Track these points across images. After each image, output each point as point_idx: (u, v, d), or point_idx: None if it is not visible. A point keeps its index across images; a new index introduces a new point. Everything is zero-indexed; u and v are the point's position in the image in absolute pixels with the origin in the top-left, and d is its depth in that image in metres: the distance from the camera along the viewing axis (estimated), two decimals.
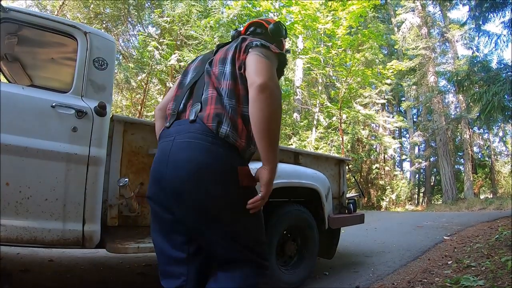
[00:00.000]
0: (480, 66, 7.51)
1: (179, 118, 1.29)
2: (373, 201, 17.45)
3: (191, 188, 1.14)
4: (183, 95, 1.34)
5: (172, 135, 1.24)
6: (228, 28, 10.15)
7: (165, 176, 1.19)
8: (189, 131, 1.19)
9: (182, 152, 1.17)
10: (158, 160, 1.25)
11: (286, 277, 2.75)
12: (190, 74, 1.44)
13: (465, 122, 17.71)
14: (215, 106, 1.21)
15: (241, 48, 1.29)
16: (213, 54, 1.42)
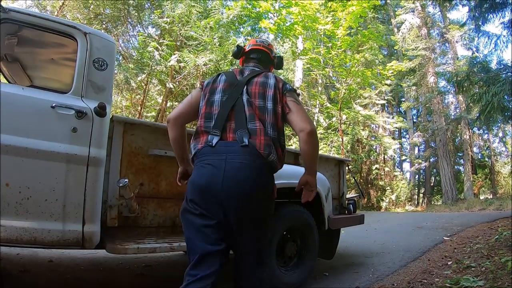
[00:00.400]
0: (480, 66, 7.51)
1: (222, 138, 1.52)
2: (373, 201, 17.45)
3: (247, 201, 1.44)
4: (222, 118, 1.56)
5: (222, 154, 1.47)
6: (228, 28, 10.16)
7: (219, 189, 1.41)
8: (244, 154, 1.47)
9: (240, 172, 1.44)
10: (209, 173, 1.45)
11: (286, 277, 2.75)
12: (219, 94, 1.65)
13: (465, 122, 17.70)
14: (264, 138, 1.52)
15: (280, 90, 1.66)
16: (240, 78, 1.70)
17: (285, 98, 1.66)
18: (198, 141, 1.58)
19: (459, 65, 15.56)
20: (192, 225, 1.50)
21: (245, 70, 1.78)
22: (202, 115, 1.62)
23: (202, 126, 1.58)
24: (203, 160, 1.50)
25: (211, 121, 1.58)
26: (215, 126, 1.55)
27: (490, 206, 12.62)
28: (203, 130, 1.58)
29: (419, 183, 23.25)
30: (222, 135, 1.53)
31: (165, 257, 3.94)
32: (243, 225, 1.47)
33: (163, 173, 2.45)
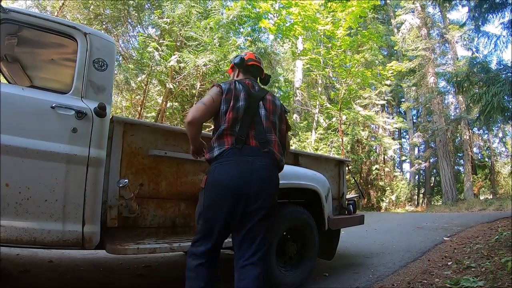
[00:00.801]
0: (479, 67, 7.50)
1: (245, 143, 1.84)
2: (373, 202, 17.44)
3: (269, 195, 1.84)
4: (247, 125, 1.89)
5: (249, 157, 1.81)
6: (227, 29, 10.16)
7: (248, 183, 1.76)
8: (266, 158, 1.86)
9: (263, 172, 1.82)
10: (240, 170, 1.78)
11: (286, 278, 2.75)
12: (242, 101, 1.92)
13: (464, 123, 17.69)
14: (278, 147, 1.96)
15: (283, 111, 2.14)
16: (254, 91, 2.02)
17: (286, 118, 2.17)
18: (223, 141, 1.84)
19: (459, 66, 15.57)
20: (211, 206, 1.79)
21: (254, 84, 2.10)
22: (229, 119, 1.86)
23: (228, 129, 1.85)
24: (231, 159, 1.80)
25: (236, 126, 1.86)
26: (241, 132, 1.85)
27: (490, 206, 12.61)
28: (228, 133, 1.85)
29: (419, 184, 23.25)
30: (245, 140, 1.84)
31: (165, 258, 3.94)
32: (262, 212, 1.79)
33: (163, 174, 2.45)
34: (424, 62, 17.14)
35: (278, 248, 2.77)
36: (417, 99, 19.46)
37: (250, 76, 2.18)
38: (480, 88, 7.47)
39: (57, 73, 3.04)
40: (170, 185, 2.47)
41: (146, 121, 2.74)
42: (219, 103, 1.92)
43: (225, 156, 1.80)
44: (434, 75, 17.21)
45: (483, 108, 6.93)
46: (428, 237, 5.75)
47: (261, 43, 11.26)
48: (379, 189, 18.17)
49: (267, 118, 1.97)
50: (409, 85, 18.68)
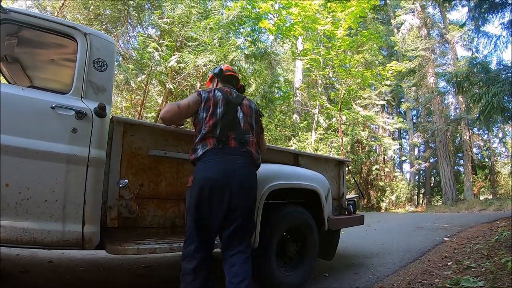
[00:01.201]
0: (479, 67, 7.50)
1: (225, 143, 2.02)
2: (373, 202, 17.45)
3: (251, 191, 2.06)
4: (226, 128, 2.07)
5: (230, 155, 2.00)
6: (227, 29, 10.15)
7: (231, 180, 1.92)
8: (245, 157, 2.05)
9: (243, 169, 2.01)
10: (222, 168, 1.94)
11: (286, 278, 2.75)
12: (221, 108, 2.12)
13: (464, 123, 17.69)
14: (255, 148, 2.16)
15: (258, 114, 2.35)
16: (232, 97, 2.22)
17: (260, 122, 2.39)
18: (206, 143, 2.00)
19: (459, 66, 15.57)
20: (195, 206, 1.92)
21: (231, 91, 2.29)
22: (209, 125, 2.04)
23: (210, 133, 2.02)
24: (213, 158, 1.96)
25: (217, 129, 2.04)
26: (221, 134, 2.03)
27: (490, 207, 12.60)
28: (210, 135, 2.02)
29: (419, 184, 23.27)
30: (226, 141, 2.02)
31: (165, 258, 3.94)
32: (245, 207, 1.98)
33: (163, 174, 2.45)
34: (424, 62, 17.14)
35: (278, 248, 2.77)
36: (417, 99, 19.46)
37: (229, 84, 2.40)
38: (480, 88, 7.47)
39: (57, 73, 3.04)
40: (170, 185, 2.47)
41: (146, 121, 2.74)
42: (194, 110, 2.17)
43: (208, 155, 1.97)
44: (434, 75, 17.20)
45: (483, 108, 6.92)
46: (428, 237, 5.75)
47: (261, 43, 11.24)
48: (379, 189, 18.17)
49: (245, 121, 2.17)
50: (409, 85, 18.68)
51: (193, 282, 1.83)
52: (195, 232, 1.91)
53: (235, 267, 1.90)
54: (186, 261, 1.88)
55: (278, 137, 13.78)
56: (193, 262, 1.86)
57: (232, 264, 1.92)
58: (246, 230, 2.03)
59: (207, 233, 1.93)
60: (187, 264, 1.87)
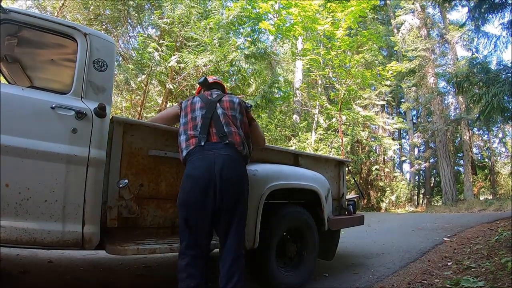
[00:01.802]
0: (479, 67, 7.51)
1: (208, 140, 2.07)
2: (373, 202, 17.44)
3: (235, 184, 2.01)
4: (206, 126, 2.13)
5: (211, 151, 2.02)
6: (227, 29, 10.15)
7: (214, 174, 1.94)
8: (227, 148, 2.06)
9: (225, 161, 2.00)
10: (203, 164, 1.98)
11: (286, 278, 2.74)
12: (199, 110, 2.22)
13: (464, 123, 17.70)
14: (239, 137, 2.16)
15: (243, 106, 2.41)
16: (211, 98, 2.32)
17: (248, 114, 2.44)
18: (189, 143, 2.09)
19: (459, 66, 15.58)
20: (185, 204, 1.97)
21: (213, 93, 2.40)
22: (189, 127, 2.15)
23: (191, 134, 2.11)
24: (196, 156, 2.02)
25: (197, 129, 2.12)
26: (201, 132, 2.10)
27: (490, 207, 12.60)
28: (192, 135, 2.11)
29: (419, 184, 23.26)
30: (207, 138, 2.08)
31: (165, 258, 3.94)
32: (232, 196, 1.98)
33: (163, 174, 2.45)
34: (424, 62, 17.14)
35: (278, 248, 2.77)
36: (417, 99, 19.46)
37: (215, 90, 2.52)
38: (480, 88, 7.47)
39: (57, 74, 3.04)
40: (170, 185, 2.47)
41: (146, 122, 2.73)
42: (173, 117, 2.47)
43: (191, 155, 2.05)
44: (434, 76, 17.21)
45: (483, 109, 6.92)
46: (428, 238, 5.75)
47: (261, 43, 11.24)
48: (379, 190, 18.16)
49: (225, 115, 2.22)
50: (409, 85, 18.68)
51: (186, 279, 1.86)
52: (185, 230, 1.95)
53: (225, 248, 1.98)
54: (180, 258, 1.93)
55: (278, 137, 13.77)
56: (186, 259, 1.90)
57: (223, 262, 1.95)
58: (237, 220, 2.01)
59: (197, 230, 1.95)
60: (181, 261, 1.92)
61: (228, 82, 10.51)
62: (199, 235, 1.96)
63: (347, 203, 3.84)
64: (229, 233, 1.99)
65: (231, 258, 1.94)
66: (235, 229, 2.00)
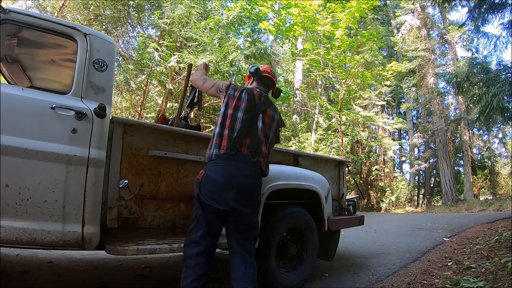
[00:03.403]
0: (479, 67, 7.50)
1: (238, 150, 2.08)
2: (373, 202, 17.43)
3: (253, 196, 2.13)
4: (242, 134, 2.12)
5: (239, 162, 2.08)
6: (227, 29, 10.16)
7: (235, 186, 2.01)
8: (253, 166, 2.12)
9: (249, 179, 2.09)
10: (228, 173, 2.03)
11: (285, 278, 2.75)
12: (241, 112, 2.17)
13: (464, 123, 17.70)
14: (265, 159, 2.21)
15: (279, 124, 2.41)
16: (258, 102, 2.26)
17: (278, 132, 2.45)
18: (220, 145, 2.09)
19: (459, 66, 15.59)
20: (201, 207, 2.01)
21: (261, 95, 2.32)
22: (228, 125, 2.12)
23: (226, 134, 2.10)
24: (224, 162, 2.05)
25: (233, 133, 2.11)
26: (236, 140, 2.09)
27: (490, 207, 12.60)
28: (226, 136, 2.10)
29: (419, 184, 23.24)
30: (239, 148, 2.08)
31: (165, 258, 3.94)
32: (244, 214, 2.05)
33: (163, 174, 2.45)
34: (424, 62, 17.14)
35: (278, 249, 2.77)
36: (417, 99, 19.46)
37: (263, 87, 2.42)
38: (480, 88, 7.47)
39: (57, 74, 3.04)
40: (170, 186, 2.47)
41: (146, 122, 2.74)
42: (215, 95, 2.39)
43: (219, 159, 2.06)
44: (434, 76, 17.21)
45: (483, 109, 6.92)
46: (428, 238, 5.75)
47: (261, 43, 11.25)
48: (379, 190, 18.16)
49: (263, 131, 2.22)
50: (409, 85, 18.69)
51: (195, 267, 1.89)
52: (203, 220, 1.98)
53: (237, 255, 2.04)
54: (190, 246, 1.96)
55: None
56: (198, 248, 1.93)
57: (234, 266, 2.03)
58: (246, 236, 2.10)
59: (213, 223, 2.00)
60: (191, 249, 1.94)
61: None
62: (214, 229, 2.02)
63: (347, 204, 3.85)
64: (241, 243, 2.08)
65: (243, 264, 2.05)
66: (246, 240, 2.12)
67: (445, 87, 18.25)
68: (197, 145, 2.64)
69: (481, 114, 7.26)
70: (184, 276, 1.89)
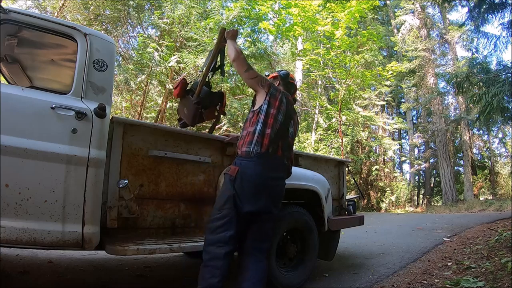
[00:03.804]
0: (479, 67, 7.50)
1: (276, 152, 2.15)
2: (373, 202, 17.43)
3: (281, 198, 2.26)
4: (279, 136, 2.19)
5: (275, 163, 2.16)
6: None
7: (269, 184, 2.09)
8: (285, 168, 2.25)
9: (281, 181, 2.21)
10: (266, 172, 2.08)
11: (285, 278, 2.75)
12: (282, 116, 2.21)
13: (464, 123, 17.69)
14: (291, 164, 2.36)
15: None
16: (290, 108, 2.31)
17: None
18: (262, 144, 2.10)
19: (459, 66, 15.58)
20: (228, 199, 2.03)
21: (291, 101, 2.38)
22: (269, 125, 2.15)
23: (268, 135, 2.13)
24: (264, 162, 2.09)
25: (273, 134, 2.14)
26: (275, 141, 2.15)
27: (490, 207, 12.60)
28: (268, 136, 2.12)
29: (419, 184, 23.24)
30: (276, 149, 2.15)
31: (165, 258, 3.94)
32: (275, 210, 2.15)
33: (163, 174, 2.45)
34: (424, 62, 17.14)
35: (278, 249, 2.77)
36: (417, 99, 19.46)
37: (286, 91, 2.44)
38: (480, 88, 7.46)
39: (57, 74, 3.04)
40: (170, 186, 2.47)
41: (146, 122, 2.74)
42: (257, 85, 2.26)
43: (260, 158, 2.08)
44: (434, 76, 17.21)
45: (483, 109, 6.91)
46: (428, 238, 5.75)
47: (261, 43, 11.25)
48: (379, 190, 18.16)
49: (292, 137, 2.33)
50: (409, 85, 18.69)
51: (222, 268, 1.88)
52: (234, 220, 1.99)
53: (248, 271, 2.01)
54: (217, 245, 1.94)
55: None
56: (226, 248, 1.93)
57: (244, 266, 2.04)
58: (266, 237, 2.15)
59: (242, 224, 2.03)
60: (217, 249, 1.93)
61: (228, 82, 10.52)
62: (240, 230, 2.04)
63: (347, 204, 3.85)
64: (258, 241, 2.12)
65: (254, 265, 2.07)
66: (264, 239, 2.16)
67: (445, 87, 18.24)
68: (197, 145, 2.64)
69: (481, 114, 7.25)
70: (210, 276, 1.87)
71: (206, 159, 2.64)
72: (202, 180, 2.64)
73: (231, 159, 2.88)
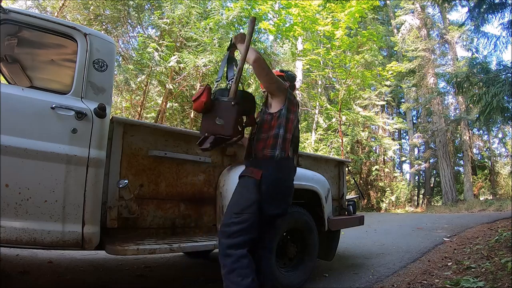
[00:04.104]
0: (479, 67, 7.50)
1: (292, 155, 2.22)
2: (373, 202, 17.44)
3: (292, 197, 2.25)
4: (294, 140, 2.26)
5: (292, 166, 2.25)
6: (227, 29, 10.16)
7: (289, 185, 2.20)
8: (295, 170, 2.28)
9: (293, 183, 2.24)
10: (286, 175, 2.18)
11: (285, 278, 2.74)
12: (296, 119, 2.26)
13: (464, 123, 17.69)
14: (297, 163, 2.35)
15: None
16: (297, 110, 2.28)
17: None
18: (285, 148, 2.13)
19: (459, 66, 15.58)
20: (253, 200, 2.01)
21: None
22: (289, 130, 2.17)
23: (289, 140, 2.17)
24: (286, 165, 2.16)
25: (292, 138, 2.20)
26: (293, 145, 2.25)
27: (490, 207, 12.61)
28: (288, 142, 2.17)
29: (419, 184, 23.24)
30: (293, 153, 2.24)
31: (165, 258, 3.94)
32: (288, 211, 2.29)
33: (163, 174, 2.45)
34: (424, 62, 17.14)
35: (278, 249, 2.77)
36: (417, 99, 19.46)
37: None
38: (480, 88, 7.47)
39: (57, 74, 3.04)
40: (170, 186, 2.47)
41: (146, 122, 2.74)
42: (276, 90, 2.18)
43: (284, 161, 2.13)
44: (434, 76, 17.21)
45: (483, 109, 6.92)
46: (428, 238, 5.75)
47: (261, 43, 11.27)
48: (379, 190, 18.17)
49: (298, 140, 2.36)
50: (409, 85, 18.69)
51: (250, 265, 1.89)
52: (256, 226, 1.99)
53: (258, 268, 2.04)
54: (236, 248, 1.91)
55: None
56: (247, 247, 1.94)
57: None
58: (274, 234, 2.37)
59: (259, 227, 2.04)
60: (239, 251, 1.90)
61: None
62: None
63: (347, 204, 3.85)
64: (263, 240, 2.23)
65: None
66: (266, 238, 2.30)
67: (445, 87, 18.24)
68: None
69: (481, 114, 7.26)
70: (243, 277, 1.83)
71: (206, 159, 2.64)
72: (202, 180, 2.64)
73: (231, 159, 2.88)
